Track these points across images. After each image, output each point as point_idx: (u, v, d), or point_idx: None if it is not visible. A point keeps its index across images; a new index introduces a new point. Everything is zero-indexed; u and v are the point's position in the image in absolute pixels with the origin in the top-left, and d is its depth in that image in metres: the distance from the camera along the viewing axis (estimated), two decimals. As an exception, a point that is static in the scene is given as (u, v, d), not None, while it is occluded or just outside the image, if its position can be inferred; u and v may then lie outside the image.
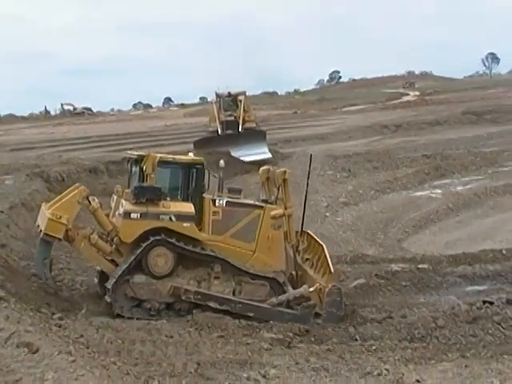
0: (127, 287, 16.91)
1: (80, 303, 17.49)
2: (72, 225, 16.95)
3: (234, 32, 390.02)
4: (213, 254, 17.41)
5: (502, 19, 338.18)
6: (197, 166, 17.97)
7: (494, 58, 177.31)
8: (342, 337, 16.47)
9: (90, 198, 17.31)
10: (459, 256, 23.52)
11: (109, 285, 16.69)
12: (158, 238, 16.83)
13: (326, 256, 18.61)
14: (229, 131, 42.72)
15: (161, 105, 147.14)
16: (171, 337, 14.59)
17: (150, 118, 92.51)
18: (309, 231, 20.09)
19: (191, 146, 40.81)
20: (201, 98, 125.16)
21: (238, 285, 17.69)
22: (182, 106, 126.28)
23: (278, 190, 18.53)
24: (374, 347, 15.31)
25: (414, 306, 18.46)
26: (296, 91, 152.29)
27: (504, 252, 23.60)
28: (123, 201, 17.14)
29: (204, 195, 17.85)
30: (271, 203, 18.48)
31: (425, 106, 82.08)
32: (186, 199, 17.66)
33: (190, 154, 19.25)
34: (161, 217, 16.90)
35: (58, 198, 17.66)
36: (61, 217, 16.51)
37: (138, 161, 17.73)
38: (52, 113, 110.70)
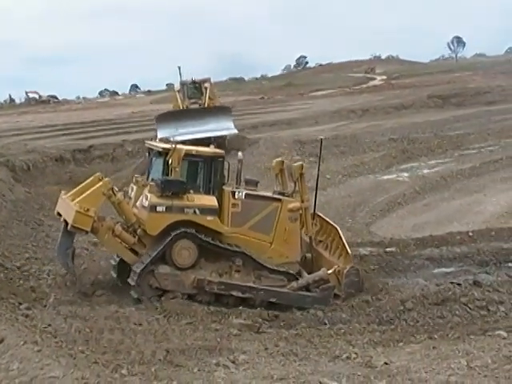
0: (151, 278, 17.14)
1: (48, 293, 17.37)
2: (96, 216, 17.03)
3: (198, 17, 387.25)
4: (238, 249, 17.77)
5: (467, 2, 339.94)
6: (218, 159, 18.19)
7: (459, 41, 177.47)
8: (311, 321, 16.61)
9: (115, 190, 17.39)
10: (426, 239, 23.72)
11: (137, 269, 16.94)
12: (187, 230, 17.17)
13: (341, 238, 19.23)
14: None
15: (127, 92, 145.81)
16: (140, 325, 14.56)
17: (117, 105, 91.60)
18: (320, 213, 20.26)
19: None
20: (167, 85, 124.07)
21: (258, 278, 18.03)
22: (149, 92, 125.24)
23: (295, 183, 19.00)
24: (342, 331, 15.46)
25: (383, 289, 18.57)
26: (263, 77, 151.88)
27: (470, 234, 23.85)
28: (148, 193, 17.27)
29: (224, 187, 18.14)
30: (288, 196, 18.82)
31: (391, 91, 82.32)
32: (207, 192, 17.90)
33: (212, 146, 19.29)
34: (185, 210, 17.21)
35: (80, 188, 17.71)
36: (88, 209, 16.64)
37: (162, 153, 17.76)
38: (17, 101, 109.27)
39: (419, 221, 29.49)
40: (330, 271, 18.40)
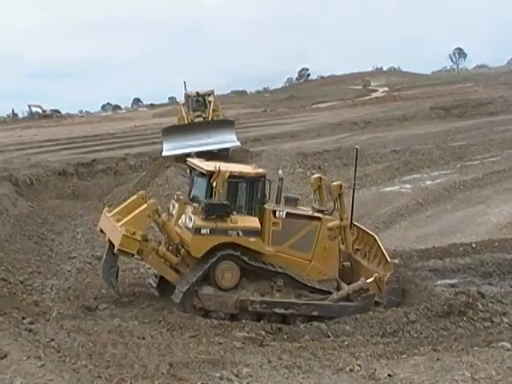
0: (195, 298, 17.28)
1: (51, 307, 17.32)
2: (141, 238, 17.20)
3: (199, 31, 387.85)
4: (281, 270, 17.82)
5: (469, 14, 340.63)
6: (260, 179, 18.31)
7: (461, 53, 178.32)
8: (315, 333, 16.56)
9: (159, 211, 17.56)
10: (430, 250, 23.66)
11: (182, 288, 17.11)
12: (232, 252, 17.34)
13: (379, 246, 19.32)
14: (197, 120, 42.44)
15: (130, 106, 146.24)
16: (143, 338, 14.51)
17: (119, 119, 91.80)
18: (357, 223, 20.43)
19: (161, 146, 40.53)
20: (170, 98, 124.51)
21: (298, 297, 18.08)
22: (152, 106, 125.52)
23: (335, 203, 19.24)
24: (346, 343, 15.41)
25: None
26: (265, 90, 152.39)
27: (474, 245, 23.76)
28: (192, 215, 17.40)
29: (265, 206, 18.26)
30: (327, 213, 19.03)
31: (393, 102, 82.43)
32: (249, 211, 18.02)
33: (253, 166, 19.34)
34: (229, 232, 17.36)
35: (123, 206, 17.93)
36: (134, 233, 16.82)
37: (206, 175, 17.81)
38: (20, 115, 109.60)
39: (422, 232, 29.42)
40: (370, 280, 18.49)
